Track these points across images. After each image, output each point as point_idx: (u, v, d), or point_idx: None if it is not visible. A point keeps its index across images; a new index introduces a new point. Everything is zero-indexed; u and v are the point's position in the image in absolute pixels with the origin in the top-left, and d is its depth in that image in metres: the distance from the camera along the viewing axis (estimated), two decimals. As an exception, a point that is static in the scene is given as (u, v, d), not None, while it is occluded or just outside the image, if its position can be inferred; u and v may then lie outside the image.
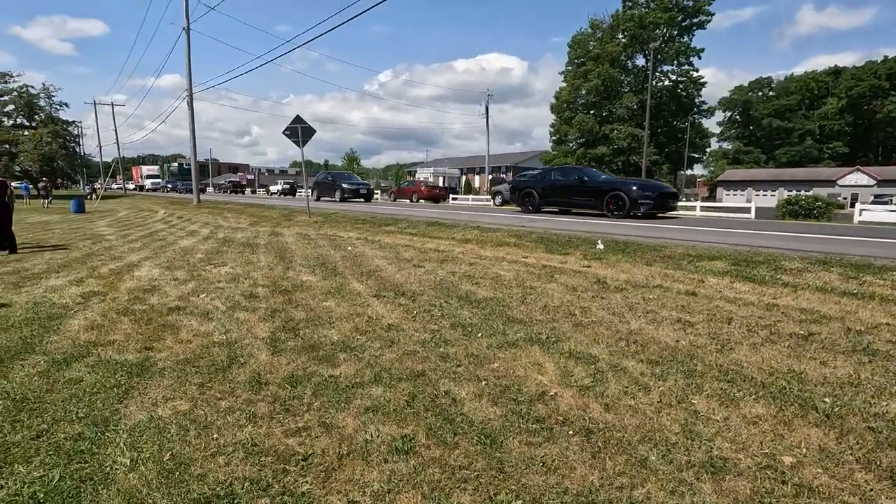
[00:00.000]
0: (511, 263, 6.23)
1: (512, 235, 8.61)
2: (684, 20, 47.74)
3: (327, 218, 13.37)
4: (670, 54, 47.02)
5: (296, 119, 13.29)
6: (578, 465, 1.92)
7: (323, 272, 5.84)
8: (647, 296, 4.44)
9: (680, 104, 50.33)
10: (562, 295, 4.53)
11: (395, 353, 3.11)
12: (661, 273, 5.43)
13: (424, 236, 9.15)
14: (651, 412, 2.31)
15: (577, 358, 2.98)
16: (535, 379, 2.69)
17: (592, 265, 5.99)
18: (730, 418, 2.24)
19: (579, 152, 50.67)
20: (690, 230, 9.69)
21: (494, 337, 3.39)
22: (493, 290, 4.79)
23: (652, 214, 13.51)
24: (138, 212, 19.89)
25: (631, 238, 8.16)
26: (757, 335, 3.35)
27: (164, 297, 4.79)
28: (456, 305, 4.22)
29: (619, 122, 48.29)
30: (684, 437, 2.10)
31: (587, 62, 49.35)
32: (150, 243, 9.11)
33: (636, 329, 3.50)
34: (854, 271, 5.02)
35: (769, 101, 79.69)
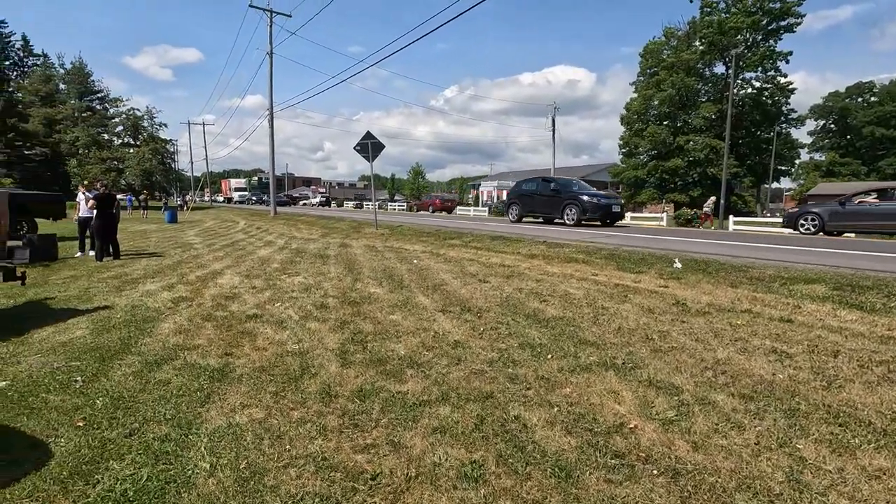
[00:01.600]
0: (580, 281, 6.00)
1: (580, 251, 8.32)
2: (769, 23, 44.65)
3: (393, 231, 13.66)
4: (754, 60, 44.08)
5: (366, 135, 13.78)
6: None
7: (390, 285, 5.92)
8: (734, 321, 4.07)
9: (764, 113, 46.88)
10: (637, 317, 4.27)
11: (462, 371, 3.05)
12: (749, 296, 4.98)
13: (489, 251, 9.07)
14: (748, 455, 2.07)
15: (657, 387, 2.76)
16: (612, 408, 2.52)
17: (670, 285, 5.62)
18: (845, 469, 1.96)
19: (651, 165, 48.55)
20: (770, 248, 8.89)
21: (565, 359, 3.23)
22: (563, 308, 4.61)
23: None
24: (222, 222, 21.43)
25: (711, 256, 7.61)
26: (871, 372, 2.95)
27: (243, 304, 5.06)
28: (524, 324, 4.10)
29: (695, 132, 45.79)
30: (790, 488, 1.86)
31: (660, 72, 47.40)
32: (232, 252, 9.74)
33: (724, 358, 3.20)
34: None
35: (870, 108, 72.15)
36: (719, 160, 43.12)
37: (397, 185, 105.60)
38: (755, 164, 47.98)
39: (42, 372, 3.19)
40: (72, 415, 2.56)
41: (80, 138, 45.65)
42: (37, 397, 2.81)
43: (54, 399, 2.76)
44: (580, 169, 67.77)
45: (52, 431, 2.40)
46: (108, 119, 50.31)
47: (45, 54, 55.16)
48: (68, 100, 49.84)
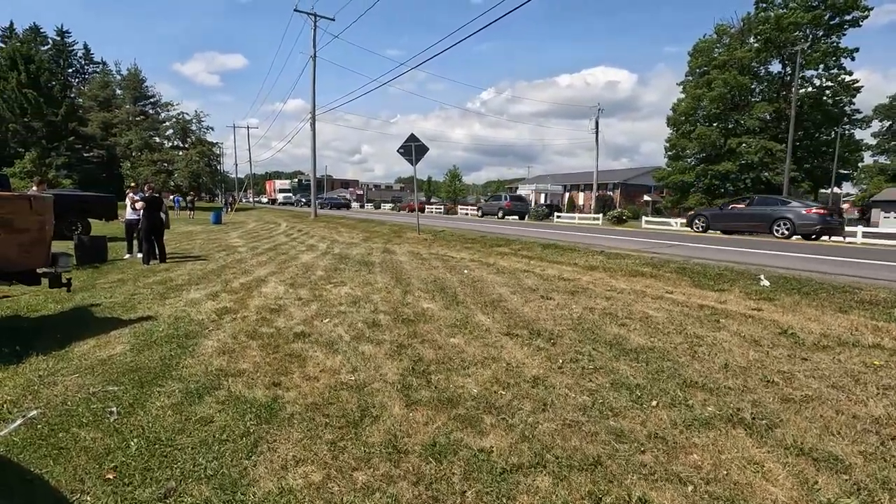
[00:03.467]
0: (655, 300, 5.35)
1: (645, 263, 7.62)
2: (832, 18, 41.87)
3: (436, 236, 13.23)
4: (815, 57, 41.39)
5: (410, 137, 13.42)
6: None
7: (443, 299, 5.44)
8: (868, 360, 3.37)
9: (825, 113, 43.96)
10: (743, 350, 3.62)
11: (552, 421, 2.52)
12: (870, 325, 4.22)
13: (542, 260, 8.48)
14: None
15: (813, 459, 2.15)
16: (763, 489, 1.94)
17: (764, 308, 4.90)
18: None
19: (699, 168, 46.39)
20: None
21: (676, 409, 2.65)
22: (648, 335, 4.01)
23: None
24: (264, 224, 21.62)
25: (797, 273, 6.78)
26: None
27: (290, 318, 4.69)
28: (608, 355, 3.53)
29: (749, 134, 43.41)
30: None
31: (711, 70, 45.24)
32: (275, 257, 9.53)
33: (884, 416, 2.55)
34: None
35: (944, 107, 66.73)
36: (775, 164, 40.79)
37: (434, 187, 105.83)
38: (814, 167, 45.07)
39: (77, 398, 2.88)
40: (102, 461, 2.19)
41: (133, 141, 47.68)
42: (67, 432, 2.47)
43: (85, 436, 2.42)
44: (621, 172, 65.79)
45: (78, 485, 2.03)
46: (160, 123, 52.42)
47: (103, 61, 58.21)
48: (124, 104, 52.17)
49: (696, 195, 46.53)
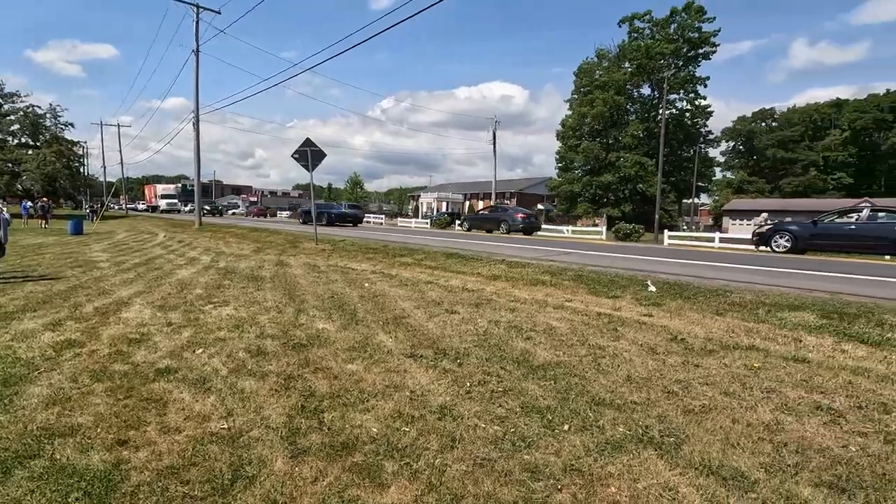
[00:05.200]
0: (557, 309, 5.39)
1: (544, 272, 7.79)
2: (689, 51, 48.08)
3: (335, 246, 12.58)
4: (676, 83, 47.10)
5: (306, 142, 12.65)
6: None
7: (341, 318, 4.99)
8: (749, 362, 3.59)
9: (686, 133, 50.23)
10: (642, 359, 3.68)
11: (462, 461, 2.24)
12: (743, 327, 4.58)
13: (446, 270, 8.33)
14: None
15: (721, 477, 2.11)
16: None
17: (653, 314, 5.15)
18: None
19: (585, 179, 50.32)
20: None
21: (588, 432, 2.52)
22: (553, 349, 3.94)
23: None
24: (137, 234, 19.12)
25: (674, 277, 7.35)
26: (941, 435, 2.50)
27: (153, 351, 3.94)
28: (517, 374, 3.36)
29: (626, 149, 48.07)
30: None
31: (593, 90, 49.43)
32: (146, 273, 8.28)
33: (773, 422, 2.64)
34: None
35: (772, 132, 79.89)
36: (648, 176, 45.54)
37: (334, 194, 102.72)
38: (678, 180, 51.13)
39: None
40: None
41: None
42: None
43: None
44: (518, 182, 69.21)
45: None
46: (2, 117, 44.51)
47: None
48: (-50, 93, 43.60)
49: (583, 204, 50.36)
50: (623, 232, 23.18)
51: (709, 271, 8.50)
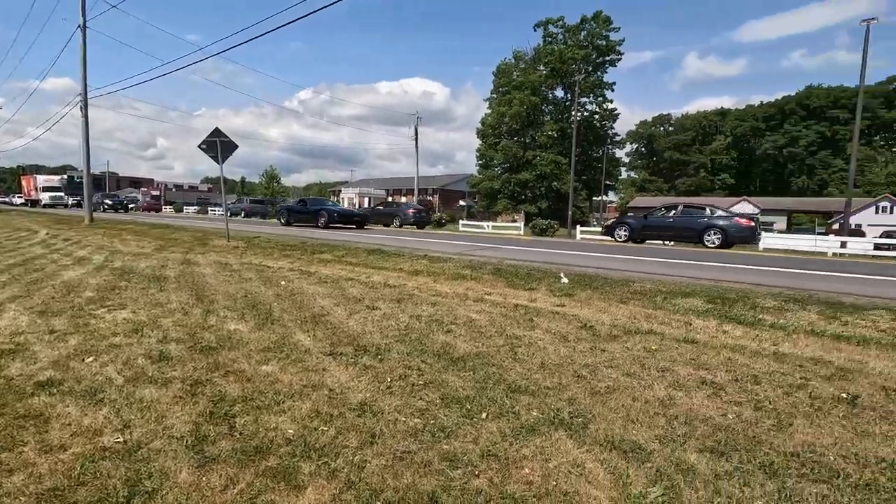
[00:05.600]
0: (477, 302, 5.54)
1: (465, 266, 7.96)
2: (598, 57, 51.33)
3: (250, 243, 11.93)
4: (587, 87, 50.08)
5: (214, 132, 11.85)
6: None
7: (256, 318, 4.75)
8: (647, 346, 3.93)
9: (596, 134, 53.62)
10: (555, 347, 3.89)
11: (382, 456, 2.24)
12: (643, 314, 5.00)
13: (367, 266, 8.23)
14: (771, 551, 1.67)
15: (622, 451, 2.30)
16: (588, 495, 1.97)
17: (566, 304, 5.46)
18: (874, 555, 1.66)
19: (504, 177, 52.01)
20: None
21: (504, 419, 2.62)
22: (473, 340, 4.05)
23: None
24: (12, 232, 16.79)
25: (585, 269, 7.85)
26: (797, 399, 2.90)
27: (31, 362, 3.49)
28: (437, 367, 3.41)
29: (542, 148, 50.32)
30: None
31: (511, 90, 51.14)
32: (23, 275, 7.31)
33: (666, 398, 2.92)
34: (833, 310, 4.91)
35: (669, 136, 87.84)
36: (562, 174, 47.98)
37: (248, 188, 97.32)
38: (589, 179, 54.52)
39: None
40: None
41: None
42: None
43: None
44: (440, 178, 69.88)
45: None
46: None
47: None
48: None
49: (503, 200, 52.00)
50: (539, 227, 24.32)
51: (614, 263, 9.17)
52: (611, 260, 9.89)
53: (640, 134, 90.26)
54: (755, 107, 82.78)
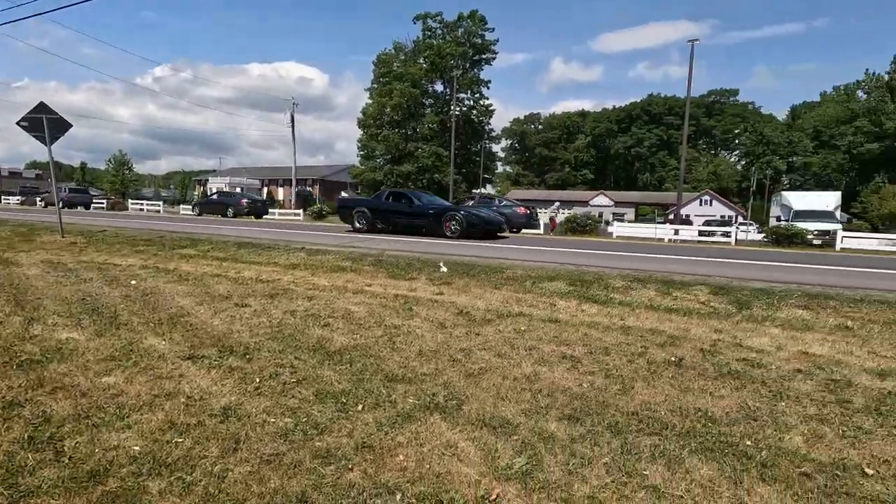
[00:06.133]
0: (357, 294, 5.44)
1: (345, 258, 7.77)
2: (474, 55, 53.33)
3: (92, 239, 10.32)
4: (465, 83, 51.75)
5: (39, 107, 9.98)
6: None
7: (96, 323, 4.11)
8: (517, 327, 4.20)
9: (474, 129, 55.78)
10: (432, 334, 3.97)
11: (246, 462, 2.08)
12: (514, 298, 5.34)
13: (237, 261, 7.62)
14: (614, 501, 1.88)
15: (492, 427, 2.42)
16: (459, 473, 2.04)
17: (444, 291, 5.61)
18: (692, 490, 1.96)
19: (387, 168, 51.78)
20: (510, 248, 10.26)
21: (380, 409, 2.61)
22: (351, 333, 3.96)
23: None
24: None
25: (464, 258, 8.16)
26: (638, 366, 3.33)
27: None
28: (312, 362, 3.27)
29: (424, 140, 51.00)
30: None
31: (392, 81, 50.89)
32: None
33: (531, 373, 3.14)
34: (666, 287, 5.71)
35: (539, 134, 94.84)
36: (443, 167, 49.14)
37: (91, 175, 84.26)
38: (468, 172, 56.64)
39: None
40: None
41: None
42: None
43: None
44: (321, 168, 67.31)
45: None
46: None
47: None
48: None
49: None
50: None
51: (488, 251, 9.67)
52: (485, 248, 10.40)
53: (514, 130, 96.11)
54: (610, 110, 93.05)
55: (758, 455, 2.20)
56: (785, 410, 2.68)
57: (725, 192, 65.45)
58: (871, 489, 1.97)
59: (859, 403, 2.77)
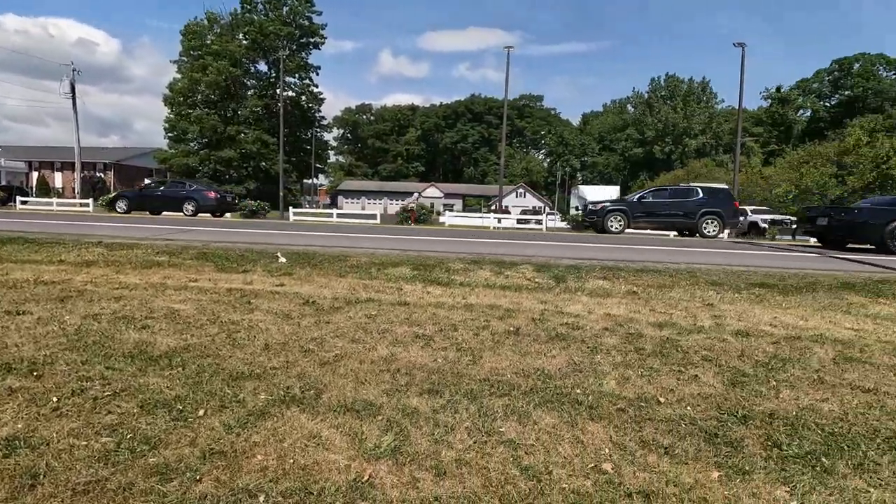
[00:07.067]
0: (181, 291, 4.75)
1: (159, 252, 6.72)
2: (301, 37, 50.68)
3: None
4: (293, 67, 48.90)
5: None
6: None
7: None
8: (368, 312, 4.17)
9: (304, 116, 53.19)
10: (278, 326, 3.70)
11: (53, 499, 1.66)
12: (361, 284, 5.29)
13: (1, 261, 5.98)
14: (480, 460, 2.01)
15: (355, 411, 2.37)
16: (327, 461, 1.95)
17: (285, 282, 5.27)
18: (541, 438, 2.20)
19: (203, 153, 46.24)
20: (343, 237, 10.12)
21: (228, 410, 2.34)
22: (180, 333, 3.45)
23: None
24: None
25: (305, 248, 7.79)
26: (484, 337, 3.60)
27: None
28: (131, 371, 2.76)
29: (247, 125, 46.82)
30: (520, 475, 1.90)
31: (205, 56, 45.41)
32: None
33: (388, 355, 3.16)
34: (499, 268, 6.28)
35: (371, 125, 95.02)
36: (271, 154, 45.93)
37: None
38: (299, 161, 53.95)
39: None
40: None
41: None
42: None
43: None
44: (114, 151, 56.74)
45: None
46: None
47: None
48: None
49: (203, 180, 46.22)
50: (249, 209, 22.72)
51: (333, 240, 9.38)
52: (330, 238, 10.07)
53: (346, 120, 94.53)
54: (437, 106, 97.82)
55: (586, 400, 2.59)
56: (600, 361, 3.19)
57: (535, 186, 74.76)
58: (664, 413, 2.48)
59: (649, 349, 3.45)
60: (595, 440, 2.21)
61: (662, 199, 16.00)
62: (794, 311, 4.68)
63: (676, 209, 15.61)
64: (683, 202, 15.63)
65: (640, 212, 15.50)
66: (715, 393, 2.74)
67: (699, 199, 15.48)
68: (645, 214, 15.60)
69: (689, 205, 15.47)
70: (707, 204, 15.33)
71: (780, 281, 5.92)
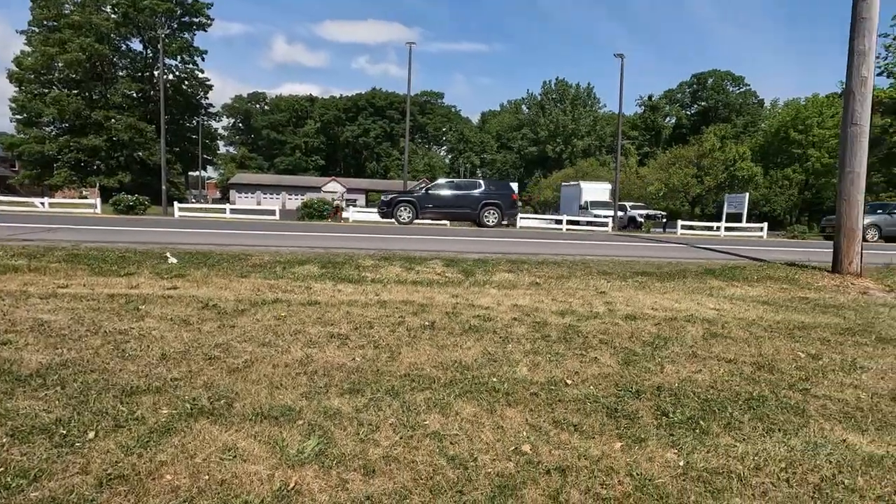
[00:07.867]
0: (48, 299, 4.13)
1: (16, 255, 5.78)
2: (184, 16, 46.18)
3: None
4: (174, 48, 44.38)
5: None
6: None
7: None
8: (277, 314, 3.97)
9: (188, 102, 48.61)
10: (175, 333, 3.38)
11: None
12: (267, 284, 5.01)
13: None
14: (407, 455, 2.04)
15: (273, 418, 2.27)
16: (248, 473, 1.85)
17: (179, 285, 4.83)
18: (464, 427, 2.28)
19: (63, 140, 40.27)
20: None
21: (125, 430, 2.10)
22: (52, 348, 3.01)
23: None
24: None
25: (194, 246, 7.18)
26: (401, 333, 3.62)
27: None
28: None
29: (117, 109, 41.64)
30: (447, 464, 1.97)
31: (63, 28, 39.50)
32: None
33: (303, 357, 3.05)
34: (409, 263, 6.32)
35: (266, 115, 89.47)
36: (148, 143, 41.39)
37: None
38: (183, 151, 49.25)
39: None
40: None
41: None
42: None
43: None
44: (-60, 134, 47.33)
45: None
46: None
47: None
48: None
49: (63, 171, 40.37)
50: (125, 204, 20.29)
51: (229, 238, 8.74)
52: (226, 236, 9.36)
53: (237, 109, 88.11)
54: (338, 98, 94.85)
55: (502, 387, 2.73)
56: (512, 350, 3.38)
57: (438, 182, 75.70)
58: (572, 393, 2.70)
59: (554, 336, 3.71)
60: (513, 424, 2.34)
61: (448, 192, 17.13)
62: (669, 296, 5.32)
63: (461, 201, 16.85)
64: (467, 194, 16.95)
65: (427, 203, 16.57)
66: (612, 372, 3.04)
67: (481, 192, 16.94)
68: (432, 206, 16.71)
69: (471, 197, 16.84)
70: (488, 196, 16.79)
71: (657, 269, 6.69)
